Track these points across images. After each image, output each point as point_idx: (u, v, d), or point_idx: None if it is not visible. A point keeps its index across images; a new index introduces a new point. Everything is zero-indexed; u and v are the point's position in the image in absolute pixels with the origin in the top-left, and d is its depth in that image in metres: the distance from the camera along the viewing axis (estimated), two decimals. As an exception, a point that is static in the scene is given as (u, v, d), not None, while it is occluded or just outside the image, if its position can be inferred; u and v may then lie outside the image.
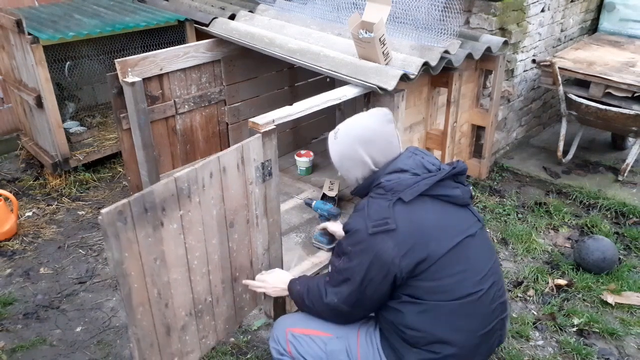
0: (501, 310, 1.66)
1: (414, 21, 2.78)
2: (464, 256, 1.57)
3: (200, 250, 1.83)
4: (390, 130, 1.70)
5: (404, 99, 2.51)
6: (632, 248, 3.03)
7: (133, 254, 1.57)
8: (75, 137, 3.76)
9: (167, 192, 1.63)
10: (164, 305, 1.73)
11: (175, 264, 1.73)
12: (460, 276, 1.56)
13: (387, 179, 1.62)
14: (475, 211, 1.71)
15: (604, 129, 3.65)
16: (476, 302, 1.57)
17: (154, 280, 1.66)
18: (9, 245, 3.07)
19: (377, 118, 1.72)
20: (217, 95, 3.14)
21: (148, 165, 2.78)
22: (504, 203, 3.45)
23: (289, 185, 3.34)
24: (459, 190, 1.64)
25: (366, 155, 1.68)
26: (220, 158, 1.81)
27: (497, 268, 1.68)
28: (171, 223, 1.67)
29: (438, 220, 1.58)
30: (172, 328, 1.79)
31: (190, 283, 1.82)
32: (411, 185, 1.57)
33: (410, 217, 1.55)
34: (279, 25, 3.12)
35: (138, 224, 1.55)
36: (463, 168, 1.67)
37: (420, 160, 1.64)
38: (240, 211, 1.98)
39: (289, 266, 2.45)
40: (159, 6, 3.91)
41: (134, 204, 1.53)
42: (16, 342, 2.42)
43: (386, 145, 1.68)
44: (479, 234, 1.65)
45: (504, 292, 1.69)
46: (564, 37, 4.20)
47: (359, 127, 1.71)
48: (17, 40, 3.35)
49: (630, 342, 2.43)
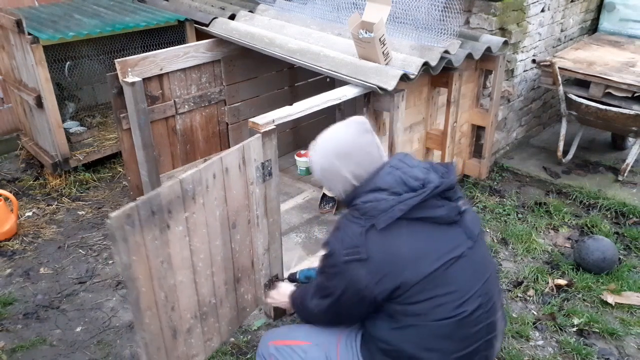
0: (487, 331, 1.57)
1: (414, 21, 2.78)
2: (445, 280, 1.49)
3: (205, 252, 1.82)
4: (367, 141, 1.60)
5: (404, 99, 2.51)
6: (632, 248, 3.03)
7: (141, 257, 1.55)
8: (75, 137, 3.76)
9: (173, 194, 1.63)
10: (170, 308, 1.72)
11: (181, 267, 1.72)
12: (439, 300, 1.48)
13: (363, 200, 1.53)
14: (468, 226, 1.57)
15: (604, 129, 3.64)
16: (456, 325, 1.50)
17: (160, 284, 1.65)
18: (9, 245, 3.07)
19: (352, 128, 1.61)
20: (217, 95, 3.14)
21: (148, 165, 2.78)
22: (504, 203, 3.45)
23: (289, 185, 3.35)
24: (443, 209, 1.51)
25: (344, 169, 1.57)
26: (222, 159, 1.81)
27: (488, 287, 1.57)
28: (177, 225, 1.66)
29: (415, 247, 1.48)
30: (178, 331, 1.78)
31: (195, 285, 1.81)
32: (386, 210, 1.47)
33: (383, 246, 1.47)
34: (279, 25, 3.12)
35: (145, 227, 1.54)
36: (450, 184, 1.52)
37: (401, 177, 1.51)
38: (241, 212, 1.98)
39: (289, 266, 2.45)
40: (159, 6, 3.90)
41: (142, 207, 1.51)
42: (16, 342, 2.42)
43: (364, 157, 1.58)
44: (467, 253, 1.53)
45: (493, 312, 1.58)
46: (564, 37, 4.20)
47: (334, 140, 1.62)
48: (17, 40, 3.35)
49: (630, 342, 2.43)
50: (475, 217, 1.64)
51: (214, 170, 1.78)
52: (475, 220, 1.63)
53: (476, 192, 3.51)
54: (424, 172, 1.54)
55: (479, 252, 1.58)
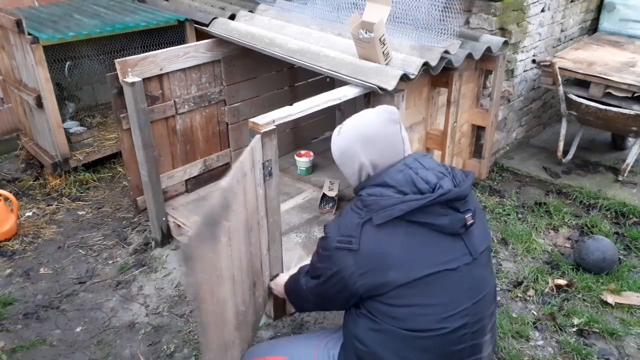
0: (471, 352, 1.51)
1: (414, 21, 2.78)
2: (431, 290, 1.45)
3: (238, 260, 1.78)
4: (393, 132, 1.56)
5: (404, 99, 2.51)
6: (632, 248, 3.03)
7: (205, 273, 1.50)
8: (75, 137, 3.76)
9: (221, 204, 1.57)
10: (222, 322, 1.66)
11: (226, 278, 1.66)
12: (421, 309, 1.45)
13: (369, 192, 1.51)
14: (472, 241, 1.51)
15: (604, 129, 3.64)
16: (436, 339, 1.46)
17: (217, 299, 1.59)
18: (9, 245, 3.07)
19: (381, 117, 1.58)
20: (217, 95, 3.14)
21: (148, 166, 2.78)
22: (504, 203, 3.45)
23: (289, 185, 3.35)
24: (446, 218, 1.45)
25: (364, 156, 1.55)
26: (242, 163, 1.77)
27: (479, 308, 1.51)
28: (223, 236, 1.60)
29: (408, 250, 1.45)
30: (227, 346, 1.72)
31: (234, 296, 1.75)
32: (386, 207, 1.44)
33: (376, 241, 1.46)
34: (279, 25, 3.12)
35: (206, 241, 1.50)
36: (460, 194, 1.45)
37: (412, 177, 1.47)
38: (254, 214, 1.96)
39: (289, 266, 2.45)
40: (159, 6, 3.90)
41: (205, 222, 1.46)
42: (16, 342, 2.42)
43: (387, 148, 1.55)
44: (462, 269, 1.48)
45: (481, 334, 1.53)
46: (564, 37, 4.20)
47: (361, 124, 1.59)
48: (17, 40, 3.35)
49: (630, 342, 2.43)
50: (484, 234, 1.58)
51: (238, 175, 1.74)
52: (484, 238, 1.57)
53: (476, 192, 3.51)
54: (439, 176, 1.49)
55: (477, 271, 1.52)
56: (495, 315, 1.62)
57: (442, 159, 3.05)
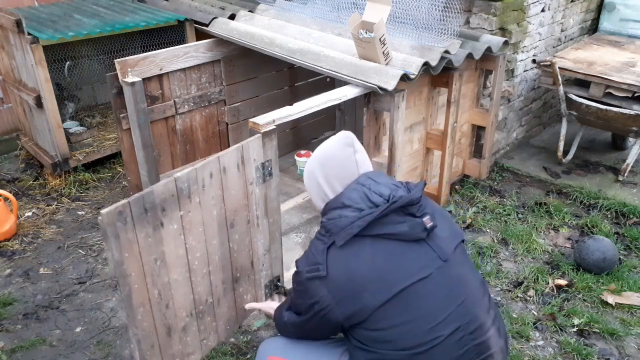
0: (478, 351, 1.49)
1: (414, 21, 2.77)
2: (409, 304, 1.43)
3: (201, 250, 1.83)
4: (345, 154, 1.58)
5: (404, 99, 2.50)
6: (632, 248, 3.03)
7: (133, 254, 1.57)
8: (75, 137, 3.76)
9: (167, 192, 1.64)
10: (165, 306, 1.73)
11: (175, 265, 1.73)
12: (406, 327, 1.43)
13: (328, 217, 1.53)
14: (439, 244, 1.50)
15: (604, 129, 3.64)
16: (435, 350, 1.43)
17: (154, 281, 1.66)
18: (9, 245, 3.07)
19: (336, 140, 1.62)
20: (217, 95, 3.13)
21: (148, 165, 2.78)
22: (504, 203, 3.45)
23: (289, 185, 3.34)
24: (404, 225, 1.45)
25: (321, 176, 1.59)
26: (220, 158, 1.81)
27: (467, 308, 1.48)
28: (171, 223, 1.68)
29: (377, 267, 1.44)
30: (172, 329, 1.79)
31: (191, 284, 1.82)
32: (345, 227, 1.45)
33: (343, 263, 1.45)
34: (279, 25, 3.12)
35: (138, 224, 1.56)
36: (410, 199, 1.46)
37: (365, 193, 1.49)
38: (240, 211, 1.98)
39: (288, 266, 2.45)
40: (159, 6, 3.90)
41: (134, 204, 1.53)
42: (16, 343, 2.42)
43: (339, 169, 1.57)
44: (436, 274, 1.46)
45: (482, 333, 1.50)
46: (564, 37, 4.20)
47: (321, 148, 1.64)
48: (17, 40, 3.35)
49: (631, 342, 2.43)
50: (452, 233, 1.58)
51: (210, 169, 1.78)
52: (452, 237, 1.56)
53: (476, 192, 3.51)
54: (392, 188, 1.50)
55: (454, 271, 1.51)
56: (493, 307, 1.61)
57: (442, 158, 3.05)
